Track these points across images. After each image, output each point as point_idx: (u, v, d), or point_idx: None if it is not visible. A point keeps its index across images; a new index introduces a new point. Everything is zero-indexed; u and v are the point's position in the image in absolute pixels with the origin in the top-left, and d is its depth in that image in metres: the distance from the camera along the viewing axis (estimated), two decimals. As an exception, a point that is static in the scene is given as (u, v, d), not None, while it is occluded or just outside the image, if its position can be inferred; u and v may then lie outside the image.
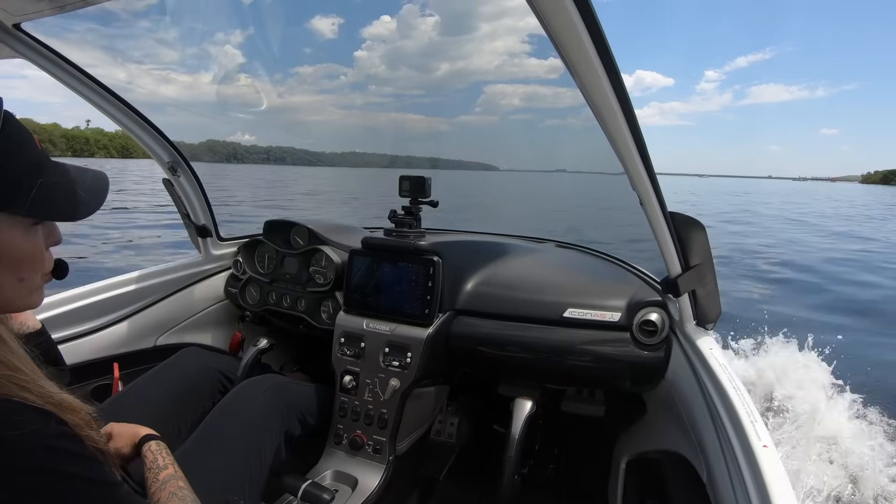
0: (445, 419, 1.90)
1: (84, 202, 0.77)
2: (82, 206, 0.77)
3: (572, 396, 2.05)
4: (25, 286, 0.73)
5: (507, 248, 2.00)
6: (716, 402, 1.12)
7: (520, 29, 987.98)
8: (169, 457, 1.01)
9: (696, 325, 1.39)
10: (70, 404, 0.70)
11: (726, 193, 44.40)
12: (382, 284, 1.65)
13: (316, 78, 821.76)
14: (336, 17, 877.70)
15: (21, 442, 0.60)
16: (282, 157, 19.51)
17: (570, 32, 0.75)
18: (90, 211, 0.78)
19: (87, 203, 0.78)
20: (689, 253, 1.27)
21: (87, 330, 1.77)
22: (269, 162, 19.67)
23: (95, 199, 0.79)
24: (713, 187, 70.04)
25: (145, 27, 1.91)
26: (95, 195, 0.80)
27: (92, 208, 0.79)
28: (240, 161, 10.01)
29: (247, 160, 11.42)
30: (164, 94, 2.53)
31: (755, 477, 0.89)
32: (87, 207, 0.78)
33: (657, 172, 1.08)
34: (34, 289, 0.76)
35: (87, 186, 0.78)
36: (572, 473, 2.07)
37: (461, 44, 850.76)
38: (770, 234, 16.23)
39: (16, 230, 0.70)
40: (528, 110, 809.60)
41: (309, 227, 1.98)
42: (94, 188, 0.80)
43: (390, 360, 1.58)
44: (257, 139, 8.75)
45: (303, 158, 32.16)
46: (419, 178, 1.68)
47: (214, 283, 2.22)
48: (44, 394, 0.67)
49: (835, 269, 9.98)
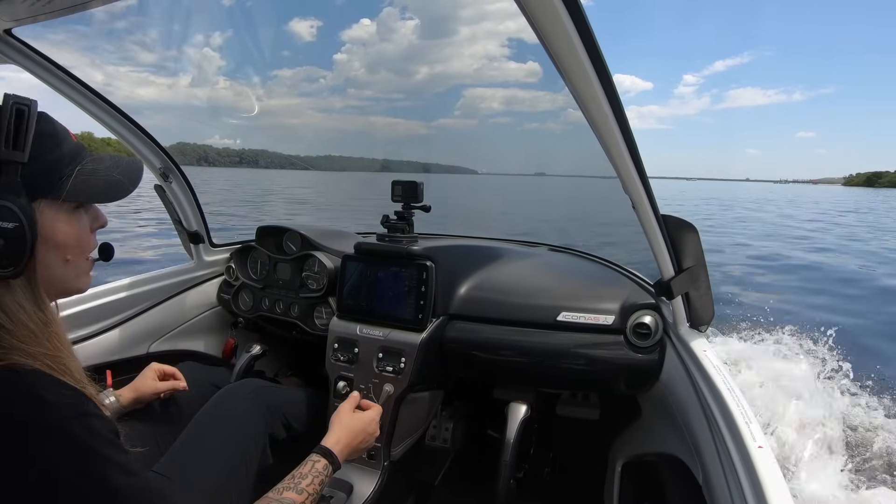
0: (440, 424, 1.90)
1: (120, 185, 0.84)
2: (119, 188, 0.84)
3: (567, 400, 2.05)
4: (72, 268, 0.80)
5: (501, 253, 2.00)
6: (710, 404, 1.13)
7: (500, 33, 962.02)
8: (309, 483, 1.10)
9: (690, 327, 1.39)
10: (93, 392, 0.74)
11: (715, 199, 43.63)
12: (376, 290, 1.65)
13: (295, 81, 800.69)
14: (316, 20, 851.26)
15: (65, 408, 0.66)
16: (255, 159, 19.56)
17: (561, 36, 0.75)
18: (126, 192, 0.86)
19: (124, 186, 0.85)
20: (681, 256, 1.27)
21: (80, 337, 1.75)
22: (242, 165, 19.74)
23: (131, 181, 0.87)
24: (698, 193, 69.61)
25: (123, 28, 1.91)
26: (131, 178, 0.87)
27: (128, 190, 0.86)
28: (211, 164, 9.96)
29: (218, 163, 11.38)
30: (141, 96, 2.53)
31: (751, 478, 0.90)
32: (123, 190, 0.85)
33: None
34: (81, 272, 0.83)
35: (122, 170, 0.85)
36: (568, 477, 2.07)
37: (441, 47, 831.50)
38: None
39: (59, 214, 0.76)
40: (507, 114, 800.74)
41: (301, 233, 1.98)
42: (129, 171, 0.87)
43: (384, 366, 1.58)
44: (233, 143, 8.74)
45: (276, 162, 32.05)
46: (412, 183, 1.68)
47: (207, 290, 2.21)
48: (81, 381, 0.72)
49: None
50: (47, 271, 0.75)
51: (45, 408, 0.64)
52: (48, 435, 0.63)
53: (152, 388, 1.40)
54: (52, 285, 0.77)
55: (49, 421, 0.64)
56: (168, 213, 2.05)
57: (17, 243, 0.68)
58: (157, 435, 1.37)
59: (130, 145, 1.77)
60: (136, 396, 1.38)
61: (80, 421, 0.67)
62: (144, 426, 1.36)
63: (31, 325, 0.70)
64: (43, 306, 0.73)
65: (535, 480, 2.00)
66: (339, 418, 1.34)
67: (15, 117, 0.70)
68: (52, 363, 0.69)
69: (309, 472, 1.12)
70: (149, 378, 1.41)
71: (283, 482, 1.08)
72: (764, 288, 8.29)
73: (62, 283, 0.80)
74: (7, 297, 0.69)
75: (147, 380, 1.41)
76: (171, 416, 1.44)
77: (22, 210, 0.69)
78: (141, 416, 1.39)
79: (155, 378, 1.43)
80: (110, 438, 0.69)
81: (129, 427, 1.30)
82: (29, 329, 0.69)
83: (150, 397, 1.40)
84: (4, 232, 0.67)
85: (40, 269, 0.73)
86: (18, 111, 0.70)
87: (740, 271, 9.81)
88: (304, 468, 1.13)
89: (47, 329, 0.72)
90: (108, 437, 0.69)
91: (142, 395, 1.38)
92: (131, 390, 1.38)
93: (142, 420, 1.38)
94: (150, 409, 1.43)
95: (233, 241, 2.25)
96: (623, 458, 1.76)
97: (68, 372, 0.71)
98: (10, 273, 0.68)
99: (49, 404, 0.65)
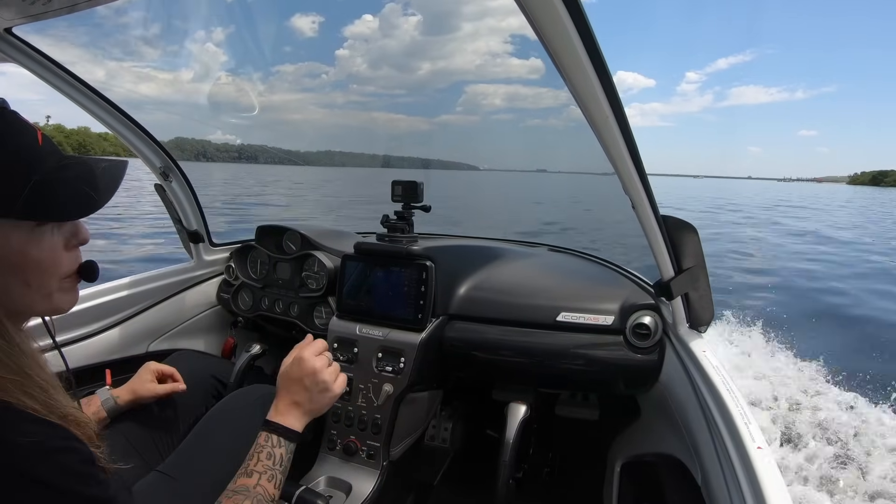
0: (439, 424, 1.90)
1: (87, 199, 0.73)
2: (87, 202, 0.73)
3: (566, 400, 2.05)
4: (36, 292, 0.71)
5: (500, 253, 2.00)
6: (710, 405, 1.12)
7: (502, 29, 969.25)
8: (263, 461, 1.04)
9: (690, 327, 1.39)
10: (76, 418, 0.68)
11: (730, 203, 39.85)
12: (375, 289, 1.65)
13: (297, 76, 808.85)
14: (318, 16, 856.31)
15: (27, 449, 0.59)
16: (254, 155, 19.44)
17: (560, 34, 0.75)
18: (97, 206, 0.74)
19: (93, 199, 0.74)
20: (681, 256, 1.27)
21: (79, 336, 1.75)
22: (241, 160, 19.64)
23: (104, 192, 0.75)
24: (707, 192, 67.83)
25: (123, 25, 1.91)
26: (105, 188, 0.76)
27: (99, 203, 0.74)
28: (209, 159, 9.87)
29: (217, 159, 11.29)
30: (141, 91, 2.53)
31: (750, 479, 0.89)
32: (92, 204, 0.74)
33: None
34: (50, 293, 0.73)
35: (93, 181, 0.74)
36: (567, 477, 2.07)
37: (443, 43, 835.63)
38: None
39: (14, 233, 0.67)
40: (509, 110, 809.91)
41: (301, 233, 1.98)
42: (104, 179, 0.76)
43: (383, 366, 1.58)
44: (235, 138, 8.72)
45: (276, 157, 31.83)
46: (411, 183, 1.67)
47: (207, 289, 2.21)
48: (51, 405, 0.66)
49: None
50: (6, 296, 0.68)
51: (7, 452, 0.58)
52: (14, 482, 0.58)
53: (151, 392, 1.37)
54: (16, 309, 0.70)
55: (12, 463, 0.58)
56: (168, 213, 2.04)
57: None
58: (157, 432, 1.37)
59: (130, 144, 1.77)
60: (133, 398, 1.36)
61: (47, 460, 0.61)
62: (143, 422, 1.36)
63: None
64: (3, 334, 0.66)
65: (535, 481, 2.00)
66: (279, 378, 1.21)
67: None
68: (19, 389, 0.63)
69: (253, 452, 1.05)
70: (146, 380, 1.39)
71: (239, 471, 1.04)
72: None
73: (28, 307, 0.72)
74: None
75: (145, 382, 1.38)
76: (170, 409, 1.43)
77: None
78: (140, 412, 1.38)
79: (153, 379, 1.40)
80: (83, 471, 0.64)
81: (126, 423, 1.31)
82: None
83: (149, 400, 1.38)
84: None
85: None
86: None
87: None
88: (251, 449, 1.07)
89: (11, 356, 0.65)
90: (80, 469, 0.64)
91: (140, 397, 1.36)
92: (129, 392, 1.36)
93: (141, 414, 1.37)
94: (149, 404, 1.42)
95: (232, 240, 2.25)
96: (622, 459, 1.76)
97: (34, 398, 0.64)
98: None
99: (12, 445, 0.59)
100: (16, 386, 0.63)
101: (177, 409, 1.44)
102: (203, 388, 1.56)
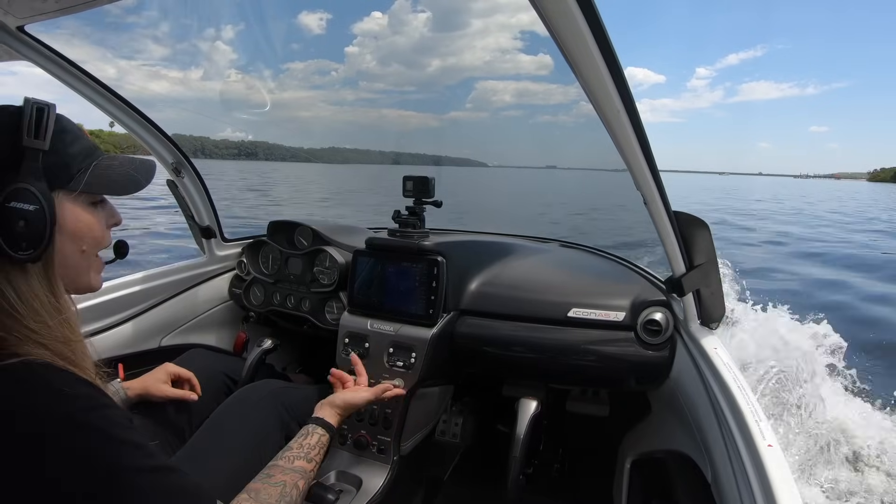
0: (450, 419, 1.90)
1: (134, 179, 0.89)
2: (134, 182, 0.89)
3: (577, 396, 2.05)
4: (86, 260, 0.83)
5: (512, 249, 2.00)
6: (720, 402, 1.12)
7: (511, 25, 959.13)
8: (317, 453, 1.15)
9: (701, 324, 1.39)
10: (102, 385, 0.75)
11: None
12: (386, 285, 1.65)
13: (306, 74, 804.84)
14: (327, 13, 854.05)
15: (83, 400, 0.67)
16: (254, 151, 19.36)
17: (572, 30, 0.75)
18: (140, 187, 0.91)
19: (138, 180, 0.90)
20: (693, 252, 1.27)
21: (93, 330, 1.77)
22: (241, 157, 19.66)
23: (145, 177, 0.92)
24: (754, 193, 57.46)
25: (134, 23, 1.92)
26: (145, 174, 0.92)
27: (142, 185, 0.91)
28: (207, 156, 9.93)
29: (215, 155, 11.30)
30: (151, 89, 2.55)
31: (760, 477, 0.89)
32: (137, 184, 0.90)
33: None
34: (94, 267, 0.85)
35: (136, 167, 0.90)
36: (577, 473, 2.07)
37: (453, 40, 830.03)
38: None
39: (76, 206, 0.79)
40: (518, 107, 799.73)
41: (313, 228, 1.98)
42: (143, 168, 0.92)
43: (395, 361, 1.58)
44: (246, 135, 8.70)
45: (276, 154, 31.53)
46: (423, 178, 1.68)
47: (219, 284, 2.23)
48: (88, 370, 0.74)
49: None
50: (64, 260, 0.77)
51: (62, 401, 0.65)
52: (68, 427, 0.64)
53: (162, 392, 1.39)
54: (66, 275, 0.79)
55: (68, 413, 0.65)
56: (180, 208, 2.06)
57: (38, 226, 0.71)
58: (166, 426, 1.38)
59: (142, 140, 1.78)
60: (144, 394, 1.38)
61: (99, 412, 0.68)
62: (153, 416, 1.37)
63: (44, 313, 0.71)
64: (58, 294, 0.75)
65: (545, 476, 2.00)
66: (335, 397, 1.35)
67: (36, 112, 0.73)
68: (65, 354, 0.71)
69: (316, 444, 1.15)
70: (160, 380, 1.41)
71: (292, 451, 1.11)
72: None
73: (77, 275, 0.82)
74: (22, 283, 0.70)
75: (159, 382, 1.40)
76: (183, 406, 1.44)
77: (42, 194, 0.72)
78: (150, 407, 1.39)
79: (167, 381, 1.42)
80: (129, 426, 0.70)
81: (136, 417, 1.33)
82: (41, 317, 0.70)
83: (158, 400, 1.39)
84: (26, 213, 0.69)
85: (57, 258, 0.75)
86: (39, 108, 0.73)
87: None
88: (311, 439, 1.16)
89: (60, 317, 0.73)
90: (127, 424, 0.70)
91: (150, 395, 1.38)
92: (140, 387, 1.38)
93: (151, 410, 1.38)
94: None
95: (245, 235, 2.26)
96: (632, 455, 1.76)
97: (79, 364, 0.73)
98: (29, 256, 0.70)
99: (66, 397, 0.66)
100: (64, 349, 0.72)
101: (189, 406, 1.45)
102: (215, 386, 1.57)
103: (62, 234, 0.76)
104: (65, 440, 0.63)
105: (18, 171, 0.71)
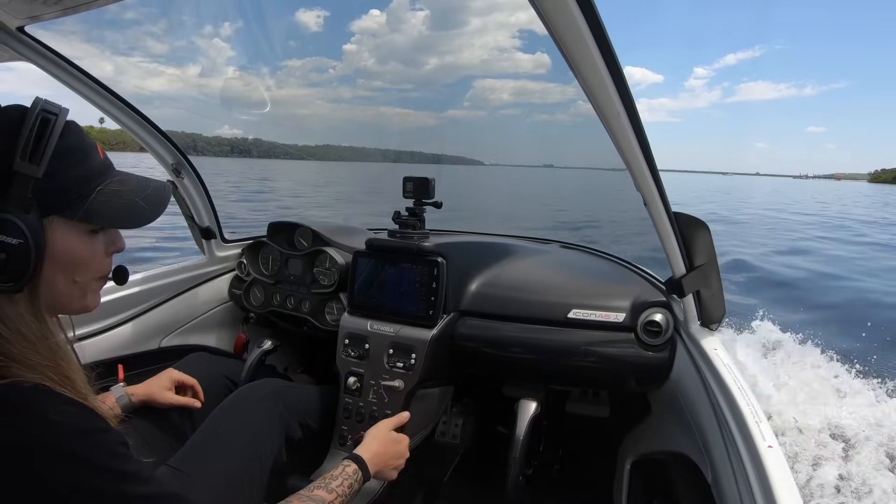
0: (450, 420, 1.90)
1: (142, 211, 0.81)
2: (140, 214, 0.81)
3: (577, 397, 2.05)
4: (79, 289, 0.77)
5: (512, 250, 2.00)
6: (720, 403, 1.12)
7: (510, 24, 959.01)
8: (339, 484, 1.13)
9: (701, 325, 1.39)
10: (98, 407, 0.72)
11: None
12: (387, 286, 1.65)
13: (304, 71, 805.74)
14: (324, 11, 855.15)
15: (68, 428, 0.64)
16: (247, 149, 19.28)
17: (571, 29, 0.75)
18: (147, 220, 0.82)
19: (145, 213, 0.81)
20: (693, 253, 1.27)
21: (92, 331, 1.77)
22: (233, 154, 19.54)
23: (154, 209, 0.83)
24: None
25: (132, 20, 1.91)
26: (155, 205, 0.83)
27: (149, 218, 0.82)
28: (199, 153, 9.89)
29: (207, 152, 11.21)
30: (148, 86, 2.53)
31: (760, 477, 0.89)
32: (144, 217, 0.81)
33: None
34: (89, 292, 0.80)
35: (146, 196, 0.81)
36: (577, 474, 2.06)
37: (451, 38, 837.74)
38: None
39: (71, 234, 0.73)
40: (516, 105, 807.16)
41: (313, 229, 1.98)
42: (154, 198, 0.83)
43: (394, 362, 1.58)
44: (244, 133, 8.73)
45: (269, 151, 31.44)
46: (423, 179, 1.67)
47: (219, 285, 2.22)
48: (81, 393, 0.71)
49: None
50: (52, 289, 0.73)
51: (49, 428, 0.62)
52: (55, 457, 0.62)
53: (166, 399, 1.37)
54: (58, 302, 0.75)
55: (55, 442, 0.62)
56: (180, 209, 2.05)
57: (20, 260, 0.66)
58: (169, 428, 1.38)
59: (141, 140, 1.78)
60: (147, 401, 1.36)
61: (87, 439, 0.65)
62: (156, 419, 1.37)
63: (31, 337, 0.68)
64: (42, 320, 0.71)
65: (545, 477, 2.00)
66: (378, 432, 1.36)
67: (38, 127, 0.67)
68: (54, 375, 0.68)
69: (339, 475, 1.14)
70: (164, 387, 1.39)
71: (315, 482, 1.10)
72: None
73: (67, 302, 0.77)
74: (8, 308, 0.67)
75: (163, 389, 1.38)
76: (184, 412, 1.44)
77: (29, 227, 0.66)
78: (153, 410, 1.38)
79: (171, 388, 1.41)
80: (119, 452, 0.68)
81: (139, 420, 1.32)
82: (28, 340, 0.67)
83: (161, 406, 1.37)
84: (6, 247, 0.64)
85: (45, 286, 0.71)
86: (44, 120, 0.68)
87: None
88: (336, 471, 1.15)
89: (46, 341, 0.70)
90: (117, 450, 0.68)
91: (155, 401, 1.36)
92: (144, 392, 1.36)
93: (154, 412, 1.37)
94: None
95: (244, 236, 2.26)
96: (633, 456, 1.76)
97: (70, 384, 0.70)
98: (9, 288, 0.66)
99: (53, 424, 0.63)
100: (52, 371, 0.68)
101: (192, 411, 1.45)
102: (217, 389, 1.57)
103: (53, 263, 0.71)
104: (54, 472, 0.61)
105: (5, 199, 0.65)
